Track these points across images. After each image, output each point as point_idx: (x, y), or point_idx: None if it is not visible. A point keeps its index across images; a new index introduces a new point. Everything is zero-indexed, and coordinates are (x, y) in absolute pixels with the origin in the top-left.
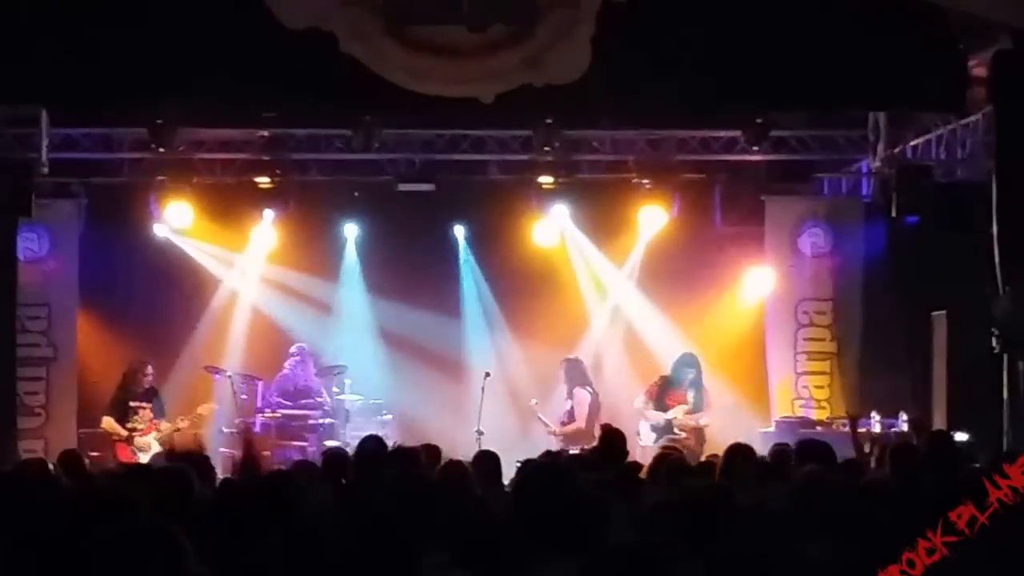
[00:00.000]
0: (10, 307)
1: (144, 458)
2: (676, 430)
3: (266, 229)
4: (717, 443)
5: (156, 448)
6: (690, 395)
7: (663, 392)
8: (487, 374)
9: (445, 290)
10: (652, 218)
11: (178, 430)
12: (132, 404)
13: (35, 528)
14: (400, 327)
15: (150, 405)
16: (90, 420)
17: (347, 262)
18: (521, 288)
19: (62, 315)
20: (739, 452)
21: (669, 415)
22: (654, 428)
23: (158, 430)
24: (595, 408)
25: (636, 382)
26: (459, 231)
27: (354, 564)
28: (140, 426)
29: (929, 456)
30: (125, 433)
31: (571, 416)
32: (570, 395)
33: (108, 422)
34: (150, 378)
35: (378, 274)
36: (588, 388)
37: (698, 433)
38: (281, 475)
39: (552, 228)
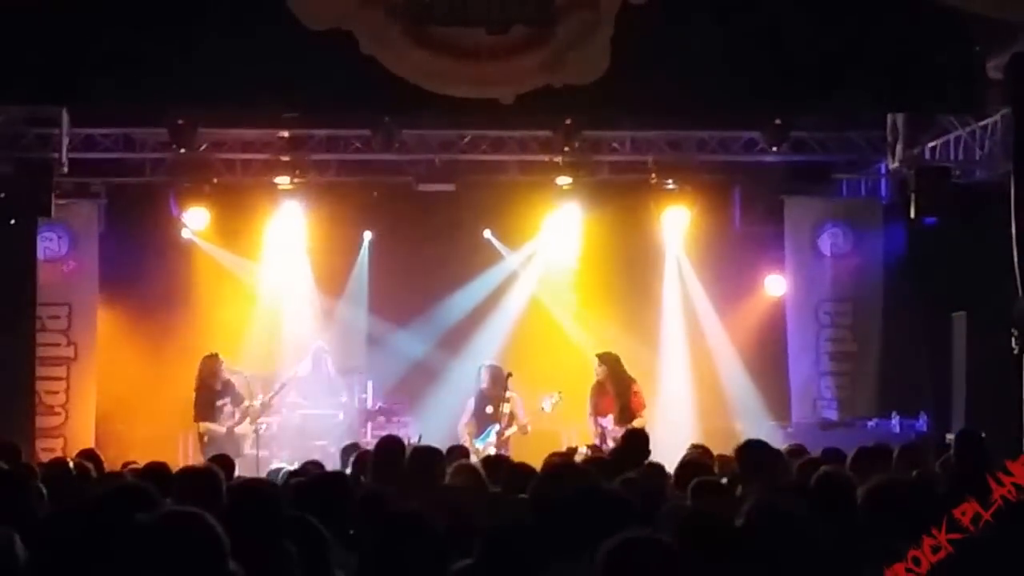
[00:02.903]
0: (30, 306)
1: (247, 446)
2: (610, 441)
3: (286, 223)
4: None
5: (248, 451)
6: (616, 401)
7: (597, 398)
8: (509, 374)
9: (465, 289)
10: (674, 219)
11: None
12: (218, 403)
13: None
14: (419, 327)
15: (229, 399)
16: (108, 419)
17: (366, 264)
18: (537, 288)
19: (82, 314)
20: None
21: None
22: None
23: (247, 416)
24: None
25: (652, 382)
26: (488, 233)
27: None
28: (229, 422)
29: (957, 455)
30: (224, 431)
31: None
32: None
33: (205, 427)
34: (224, 371)
35: (397, 275)
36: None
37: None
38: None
39: (569, 228)
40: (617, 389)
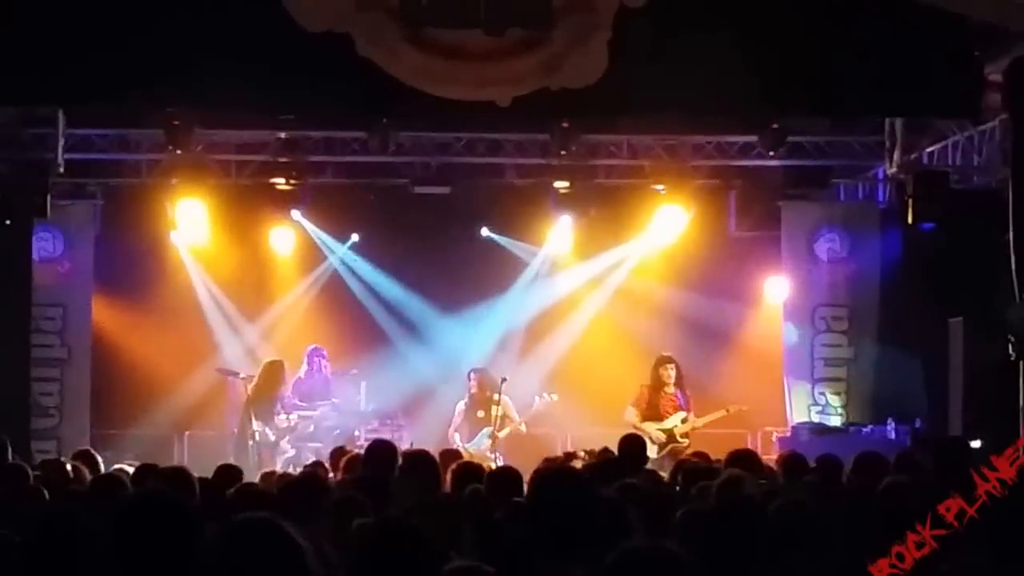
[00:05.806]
0: (25, 307)
1: (280, 462)
2: (680, 438)
3: (281, 224)
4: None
5: (290, 452)
6: (680, 400)
7: (653, 401)
8: (503, 379)
9: (459, 292)
10: (668, 222)
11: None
12: (274, 408)
13: None
14: (413, 328)
15: (281, 406)
16: (102, 421)
17: (347, 264)
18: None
19: (76, 316)
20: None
21: (668, 424)
22: (655, 441)
23: (292, 431)
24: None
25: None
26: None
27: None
28: (278, 432)
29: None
30: (273, 438)
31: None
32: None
33: (261, 427)
34: (281, 381)
35: (391, 276)
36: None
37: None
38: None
39: (563, 232)
40: (680, 387)
